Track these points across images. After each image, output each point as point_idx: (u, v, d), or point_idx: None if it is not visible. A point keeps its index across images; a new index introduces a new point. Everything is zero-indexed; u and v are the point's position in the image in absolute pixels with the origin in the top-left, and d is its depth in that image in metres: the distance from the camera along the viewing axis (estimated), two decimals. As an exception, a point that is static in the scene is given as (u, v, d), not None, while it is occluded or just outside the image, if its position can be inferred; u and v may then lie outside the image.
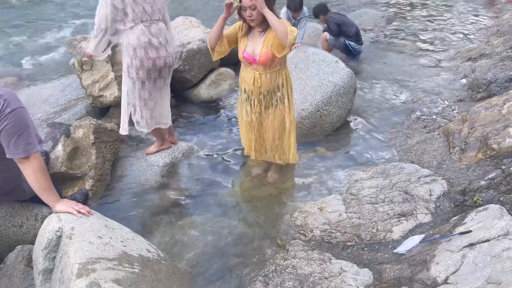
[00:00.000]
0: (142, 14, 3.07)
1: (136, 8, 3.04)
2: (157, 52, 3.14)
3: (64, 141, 3.16)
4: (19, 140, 2.04)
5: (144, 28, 3.08)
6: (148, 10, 3.10)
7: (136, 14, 3.04)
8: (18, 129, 2.03)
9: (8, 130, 2.01)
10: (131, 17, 3.04)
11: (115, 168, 3.53)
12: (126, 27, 3.06)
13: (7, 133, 2.01)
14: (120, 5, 2.99)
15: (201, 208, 3.18)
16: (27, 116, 2.11)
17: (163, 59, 3.19)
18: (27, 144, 2.06)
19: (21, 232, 2.46)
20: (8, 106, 2.00)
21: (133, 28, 3.07)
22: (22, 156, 2.05)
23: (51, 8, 9.28)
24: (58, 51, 6.72)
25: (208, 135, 4.18)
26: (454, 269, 1.98)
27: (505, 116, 3.33)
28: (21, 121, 2.04)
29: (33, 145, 2.09)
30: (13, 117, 2.01)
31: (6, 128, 2.01)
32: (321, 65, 4.28)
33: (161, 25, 3.19)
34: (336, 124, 4.20)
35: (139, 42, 3.07)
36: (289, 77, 3.00)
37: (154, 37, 3.12)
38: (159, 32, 3.16)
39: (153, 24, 3.13)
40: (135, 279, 1.82)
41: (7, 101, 2.01)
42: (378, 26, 7.41)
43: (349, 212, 2.87)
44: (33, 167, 2.08)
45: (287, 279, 2.26)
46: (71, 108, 4.17)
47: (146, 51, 3.10)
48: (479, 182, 2.82)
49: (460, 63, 5.58)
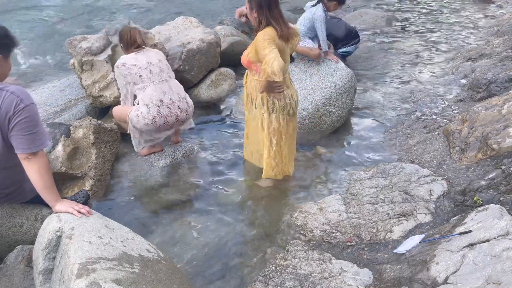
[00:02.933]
0: (151, 75, 3.33)
1: (142, 72, 3.31)
2: (168, 110, 3.36)
3: (64, 141, 3.16)
4: (31, 136, 2.08)
5: (154, 88, 3.31)
6: (156, 71, 3.35)
7: (144, 77, 3.31)
8: (30, 125, 2.08)
9: (22, 125, 2.06)
10: (141, 79, 3.31)
11: (115, 168, 3.53)
12: (139, 87, 3.33)
13: (20, 127, 2.06)
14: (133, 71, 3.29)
15: (201, 208, 3.18)
16: (38, 112, 2.16)
17: (175, 116, 3.42)
18: (38, 140, 2.10)
19: (21, 232, 2.45)
20: (22, 102, 2.06)
21: (145, 89, 3.31)
22: (33, 151, 2.08)
23: (51, 8, 9.27)
24: (58, 51, 6.73)
25: (208, 135, 4.18)
26: (454, 269, 1.98)
27: (505, 116, 3.33)
28: (33, 117, 2.10)
29: (43, 141, 2.13)
30: (26, 112, 2.06)
31: (21, 123, 2.06)
32: (321, 65, 4.27)
33: (171, 83, 3.44)
34: (336, 124, 4.20)
35: (152, 101, 3.29)
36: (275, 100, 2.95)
37: (165, 95, 3.35)
38: (170, 89, 3.39)
39: (163, 82, 3.37)
40: (135, 279, 1.82)
41: (19, 97, 2.06)
42: (378, 26, 7.41)
43: (349, 212, 2.87)
44: (39, 164, 2.11)
45: (287, 279, 2.26)
46: (71, 108, 4.17)
47: (158, 109, 3.32)
48: (479, 182, 2.82)
49: (460, 63, 5.58)
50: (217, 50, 4.84)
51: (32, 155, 2.09)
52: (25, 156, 2.09)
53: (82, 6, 9.07)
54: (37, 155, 2.10)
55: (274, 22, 2.76)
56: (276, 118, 3.02)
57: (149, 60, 3.37)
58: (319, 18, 4.18)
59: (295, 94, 3.10)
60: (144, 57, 3.39)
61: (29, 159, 2.09)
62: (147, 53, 3.44)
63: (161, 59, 3.47)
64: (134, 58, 3.36)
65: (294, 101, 3.07)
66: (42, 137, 2.13)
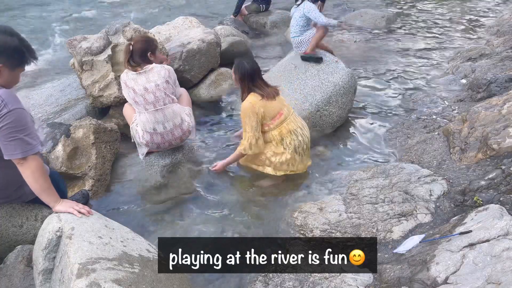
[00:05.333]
0: (146, 104, 3.28)
1: (138, 98, 3.28)
2: (162, 138, 3.38)
3: (64, 141, 3.17)
4: (17, 142, 2.02)
5: (148, 116, 3.30)
6: (151, 99, 3.28)
7: (140, 104, 3.29)
8: (15, 130, 2.01)
9: (5, 131, 2.00)
10: (136, 104, 3.31)
11: (115, 168, 3.53)
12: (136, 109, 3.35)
13: (4, 133, 2.00)
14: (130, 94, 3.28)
15: (201, 208, 3.18)
16: (26, 117, 2.08)
17: (168, 143, 3.44)
18: (26, 145, 2.04)
19: (21, 232, 2.45)
20: (5, 107, 1.99)
21: (141, 115, 3.32)
22: (20, 157, 2.03)
23: (51, 8, 9.28)
24: (58, 51, 6.73)
25: (208, 135, 4.18)
26: (454, 269, 1.98)
27: (505, 116, 3.33)
28: (19, 122, 2.02)
29: (32, 146, 2.07)
30: (10, 117, 1.99)
31: (4, 129, 2.00)
32: (321, 65, 4.28)
33: (167, 111, 3.35)
34: (336, 124, 4.20)
35: (145, 128, 3.31)
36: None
37: (159, 124, 3.33)
38: (164, 118, 3.33)
39: (157, 111, 3.31)
40: (135, 279, 1.82)
41: (4, 101, 2.00)
42: (378, 26, 7.41)
43: (349, 212, 2.87)
44: (32, 169, 2.07)
45: (287, 279, 2.26)
46: (71, 108, 4.17)
47: (151, 137, 3.34)
48: (479, 182, 2.82)
49: (460, 63, 5.58)
50: (217, 50, 4.84)
51: (22, 159, 2.05)
52: (16, 161, 2.06)
53: (82, 6, 9.09)
54: (28, 159, 2.05)
55: (257, 89, 3.19)
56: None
57: (146, 86, 3.24)
58: (312, 7, 4.30)
59: (306, 129, 3.39)
60: (143, 80, 3.25)
61: (21, 164, 2.06)
62: (148, 75, 3.27)
63: (159, 83, 3.27)
64: (134, 80, 3.26)
65: (307, 138, 3.35)
66: (32, 142, 2.07)
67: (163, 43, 4.43)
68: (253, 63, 3.30)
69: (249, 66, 3.21)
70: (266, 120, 3.20)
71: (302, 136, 3.29)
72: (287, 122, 3.25)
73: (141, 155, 3.50)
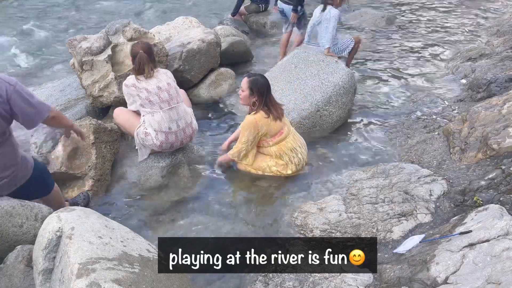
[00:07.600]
0: (161, 102, 3.25)
1: (152, 98, 3.23)
2: (175, 137, 3.36)
3: (64, 141, 3.16)
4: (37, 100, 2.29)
5: (164, 115, 3.26)
6: (165, 97, 3.27)
7: (154, 103, 3.25)
8: (29, 95, 2.27)
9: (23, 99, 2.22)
10: (151, 104, 3.25)
11: (115, 168, 3.53)
12: (148, 111, 3.27)
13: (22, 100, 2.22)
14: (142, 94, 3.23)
15: (201, 208, 3.18)
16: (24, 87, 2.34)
17: (180, 141, 3.43)
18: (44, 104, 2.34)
19: (21, 232, 2.45)
20: (10, 83, 2.21)
21: (154, 114, 3.26)
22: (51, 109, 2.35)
23: (51, 7, 9.27)
24: (58, 51, 6.73)
25: (208, 135, 4.18)
26: (454, 269, 1.98)
27: (505, 116, 3.33)
28: (26, 90, 2.29)
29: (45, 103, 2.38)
30: (18, 90, 2.22)
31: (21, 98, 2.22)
32: (321, 65, 4.28)
33: (180, 109, 3.36)
34: (336, 124, 4.20)
35: (160, 128, 3.26)
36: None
37: (173, 122, 3.32)
38: (178, 116, 3.34)
39: (172, 109, 3.30)
40: (135, 279, 1.82)
41: (5, 80, 2.21)
42: (378, 26, 7.41)
43: (349, 212, 2.87)
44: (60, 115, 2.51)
45: (287, 279, 2.26)
46: (71, 108, 4.17)
47: (166, 136, 3.30)
48: (479, 182, 2.82)
49: (460, 63, 5.57)
50: (217, 50, 4.84)
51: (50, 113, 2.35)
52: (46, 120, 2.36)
53: (82, 6, 9.09)
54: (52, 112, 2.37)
55: (272, 107, 3.24)
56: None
57: (159, 85, 3.24)
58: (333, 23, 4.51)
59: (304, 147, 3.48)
60: (154, 81, 3.25)
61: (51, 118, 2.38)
62: (157, 76, 3.29)
63: (170, 82, 3.33)
64: (144, 81, 3.24)
65: (305, 155, 3.46)
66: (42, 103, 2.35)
67: (163, 43, 4.43)
68: (264, 77, 3.33)
69: (264, 81, 3.25)
70: (266, 137, 3.29)
71: (301, 154, 3.40)
72: (286, 141, 3.33)
73: (141, 158, 3.47)
